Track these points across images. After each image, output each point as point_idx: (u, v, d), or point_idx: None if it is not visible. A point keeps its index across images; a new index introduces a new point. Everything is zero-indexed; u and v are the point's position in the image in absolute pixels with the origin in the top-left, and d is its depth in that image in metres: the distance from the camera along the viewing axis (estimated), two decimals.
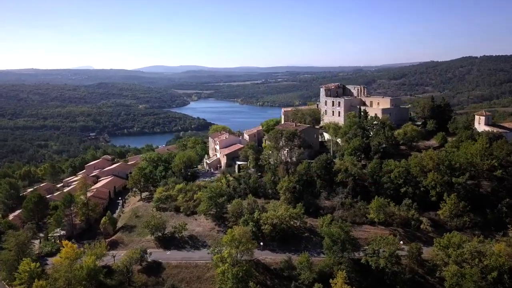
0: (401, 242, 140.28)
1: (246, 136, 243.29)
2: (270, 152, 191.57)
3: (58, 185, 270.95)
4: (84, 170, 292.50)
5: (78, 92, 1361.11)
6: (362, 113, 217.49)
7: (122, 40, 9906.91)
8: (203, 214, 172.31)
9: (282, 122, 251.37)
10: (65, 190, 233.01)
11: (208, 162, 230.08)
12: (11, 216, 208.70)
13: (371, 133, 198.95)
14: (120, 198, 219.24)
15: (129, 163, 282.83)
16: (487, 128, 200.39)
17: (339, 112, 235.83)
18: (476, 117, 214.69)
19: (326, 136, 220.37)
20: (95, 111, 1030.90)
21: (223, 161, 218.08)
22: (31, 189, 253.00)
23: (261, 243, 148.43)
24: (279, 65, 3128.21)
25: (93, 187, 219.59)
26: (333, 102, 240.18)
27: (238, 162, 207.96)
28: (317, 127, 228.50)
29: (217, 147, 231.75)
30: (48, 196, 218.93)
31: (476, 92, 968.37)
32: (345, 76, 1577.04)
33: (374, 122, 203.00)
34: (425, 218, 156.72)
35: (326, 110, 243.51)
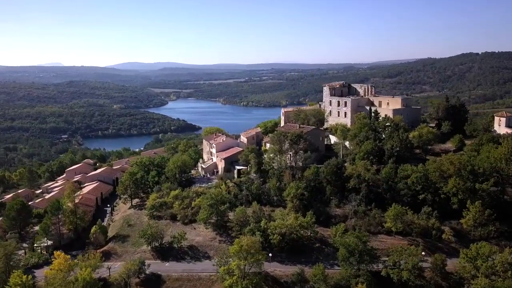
0: (423, 253, 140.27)
1: (243, 139, 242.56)
2: (272, 155, 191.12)
3: (37, 192, 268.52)
4: (64, 175, 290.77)
5: (47, 91, 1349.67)
6: (373, 114, 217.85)
7: (93, 35, 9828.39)
8: (202, 223, 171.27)
9: (282, 123, 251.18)
10: (46, 197, 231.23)
11: (204, 166, 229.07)
12: None
13: (383, 136, 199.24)
14: (108, 205, 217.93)
15: (114, 167, 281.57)
16: (508, 130, 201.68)
17: (345, 112, 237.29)
18: (496, 118, 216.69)
19: (333, 138, 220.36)
20: (67, 111, 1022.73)
21: (221, 165, 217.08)
22: (9, 196, 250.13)
23: (270, 254, 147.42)
24: (263, 62, 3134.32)
25: (77, 194, 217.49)
26: (338, 102, 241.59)
27: (238, 167, 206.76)
28: (321, 128, 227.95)
29: (214, 150, 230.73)
30: (30, 203, 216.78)
31: (478, 92, 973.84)
32: (335, 74, 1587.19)
33: (386, 124, 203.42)
34: (447, 227, 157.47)
35: (331, 111, 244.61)
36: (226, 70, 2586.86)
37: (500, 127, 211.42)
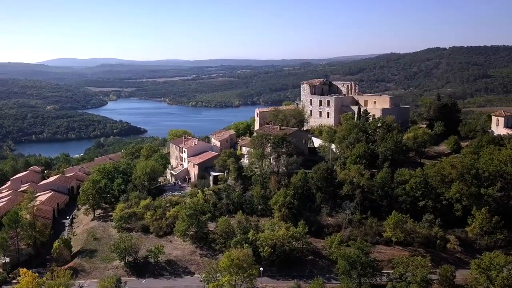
0: (429, 264, 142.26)
1: (215, 142, 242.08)
2: (254, 160, 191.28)
3: None
4: (8, 184, 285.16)
5: None
6: (362, 113, 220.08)
7: (20, 28, 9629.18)
8: (180, 235, 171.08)
9: (257, 124, 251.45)
10: None
11: (174, 173, 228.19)
12: None
13: (374, 138, 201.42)
14: (68, 217, 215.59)
15: (67, 175, 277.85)
16: (507, 131, 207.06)
17: (328, 112, 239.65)
18: (494, 118, 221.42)
19: (316, 141, 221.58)
20: None
21: (194, 171, 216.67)
22: None
23: (261, 269, 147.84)
24: (211, 58, 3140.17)
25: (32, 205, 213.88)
26: (320, 101, 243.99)
27: (213, 173, 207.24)
28: (302, 130, 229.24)
29: (184, 155, 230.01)
30: None
31: (447, 90, 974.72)
32: (291, 71, 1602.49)
33: (378, 125, 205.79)
34: (452, 236, 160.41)
35: (311, 111, 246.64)
36: (171, 66, 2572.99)
37: (498, 127, 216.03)
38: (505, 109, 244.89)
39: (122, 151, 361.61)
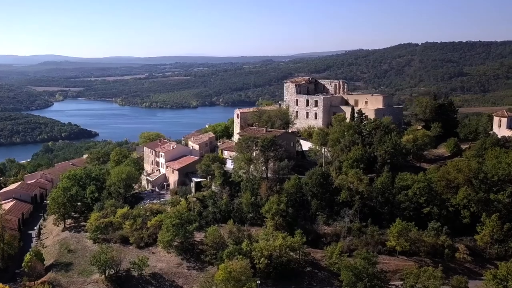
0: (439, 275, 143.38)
1: (193, 145, 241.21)
2: (243, 164, 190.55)
3: None
4: None
5: None
6: (357, 114, 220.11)
7: None
8: (163, 247, 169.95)
9: (237, 126, 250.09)
10: None
11: (150, 179, 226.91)
12: None
13: (370, 140, 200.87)
14: (34, 228, 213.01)
15: (28, 182, 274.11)
16: (510, 132, 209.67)
17: (315, 113, 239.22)
18: (495, 118, 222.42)
19: (305, 143, 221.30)
20: None
21: (173, 178, 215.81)
22: None
23: (258, 282, 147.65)
24: (165, 54, 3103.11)
25: None
26: (307, 101, 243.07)
27: (195, 179, 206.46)
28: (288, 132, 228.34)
29: (162, 160, 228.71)
30: None
31: (421, 89, 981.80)
32: (252, 69, 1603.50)
33: (374, 126, 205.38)
34: (461, 245, 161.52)
35: (297, 112, 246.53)
36: (122, 64, 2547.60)
37: (500, 128, 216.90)
38: (507, 109, 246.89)
39: (86, 156, 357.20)
